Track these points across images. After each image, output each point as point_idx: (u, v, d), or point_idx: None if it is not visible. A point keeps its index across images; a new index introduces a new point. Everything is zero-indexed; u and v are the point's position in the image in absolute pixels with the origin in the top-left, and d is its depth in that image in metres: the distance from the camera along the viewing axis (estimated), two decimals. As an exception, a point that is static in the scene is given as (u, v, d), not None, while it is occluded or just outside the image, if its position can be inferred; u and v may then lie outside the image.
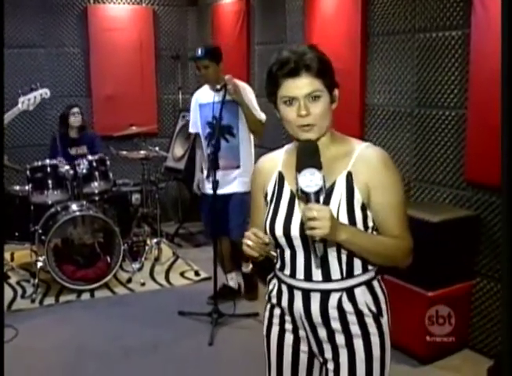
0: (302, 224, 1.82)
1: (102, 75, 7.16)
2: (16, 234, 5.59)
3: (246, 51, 6.46)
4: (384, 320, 1.98)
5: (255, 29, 6.37)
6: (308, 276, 1.95)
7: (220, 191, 4.55)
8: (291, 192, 1.97)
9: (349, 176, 1.90)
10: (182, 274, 5.74)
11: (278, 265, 2.05)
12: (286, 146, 2.11)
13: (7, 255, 6.07)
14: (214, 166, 4.44)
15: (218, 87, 4.58)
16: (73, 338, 4.47)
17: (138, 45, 7.28)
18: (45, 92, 4.72)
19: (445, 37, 4.07)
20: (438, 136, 4.20)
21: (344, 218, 1.87)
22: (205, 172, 4.81)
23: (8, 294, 5.20)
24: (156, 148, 6.22)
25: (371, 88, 4.77)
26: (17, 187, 5.82)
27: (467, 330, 4.04)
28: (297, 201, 1.95)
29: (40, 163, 5.50)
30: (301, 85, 1.85)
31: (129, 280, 5.51)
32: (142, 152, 6.04)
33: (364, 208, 1.91)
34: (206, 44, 5.04)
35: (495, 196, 3.81)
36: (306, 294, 1.96)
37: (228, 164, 4.72)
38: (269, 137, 5.08)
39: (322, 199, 1.80)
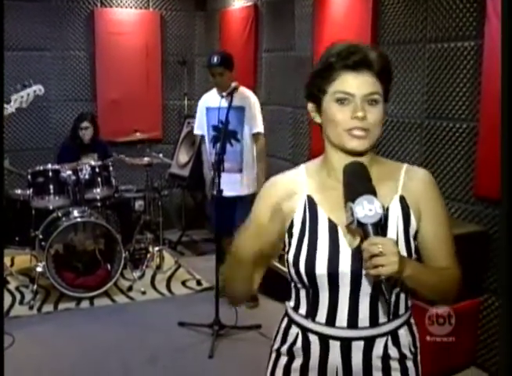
0: (356, 260, 1.59)
1: (107, 79, 7.10)
2: (17, 239, 5.51)
3: (253, 58, 6.39)
4: (418, 359, 1.80)
5: (263, 36, 6.30)
6: (352, 323, 1.67)
7: (226, 193, 4.67)
8: (330, 221, 1.67)
9: (402, 200, 1.68)
10: (183, 283, 5.65)
11: (303, 311, 1.74)
12: (305, 165, 1.81)
13: (7, 260, 6.00)
14: (218, 169, 4.48)
15: (224, 94, 4.71)
16: (70, 347, 4.40)
17: (145, 49, 7.22)
18: (38, 89, 4.64)
19: (457, 48, 3.99)
20: (447, 149, 4.11)
21: (402, 250, 1.63)
22: (210, 174, 4.96)
23: (6, 299, 5.13)
24: (160, 155, 6.15)
25: (380, 98, 4.69)
26: (18, 191, 5.75)
27: (475, 347, 3.95)
28: (340, 232, 1.67)
29: (42, 167, 5.43)
30: (362, 82, 1.60)
31: (130, 289, 5.43)
32: (146, 158, 5.96)
33: (415, 237, 1.70)
34: (220, 51, 5.16)
35: (505, 211, 3.72)
36: (347, 345, 1.68)
37: (232, 168, 4.92)
38: (274, 145, 5.09)
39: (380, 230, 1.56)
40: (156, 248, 5.96)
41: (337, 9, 5.06)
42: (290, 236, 1.73)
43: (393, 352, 1.71)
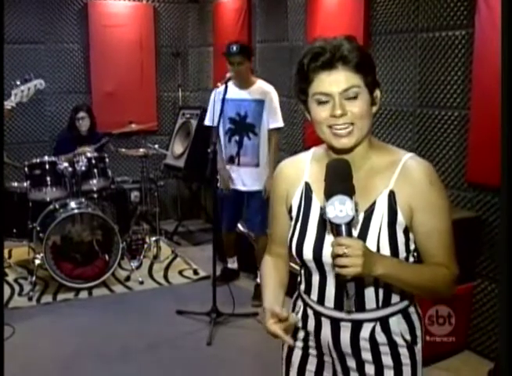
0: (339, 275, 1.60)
1: (101, 72, 7.11)
2: (14, 231, 5.55)
3: (247, 49, 6.39)
4: (418, 348, 1.79)
5: (256, 27, 6.33)
6: (338, 305, 1.74)
7: (242, 188, 4.81)
8: (321, 209, 1.68)
9: (391, 196, 1.67)
10: (180, 273, 5.70)
11: (303, 287, 1.86)
12: (314, 149, 1.85)
13: (5, 252, 6.04)
14: (213, 160, 4.51)
15: (220, 84, 4.71)
16: (70, 337, 4.45)
17: (139, 41, 7.24)
18: (39, 83, 4.62)
19: (448, 37, 4.04)
20: (440, 136, 4.17)
21: (385, 243, 1.65)
22: (228, 167, 4.97)
23: (5, 291, 5.16)
24: (156, 146, 6.20)
25: (373, 87, 4.73)
26: (16, 184, 5.79)
27: (468, 331, 4.02)
28: None
29: (38, 160, 5.47)
30: (336, 80, 1.60)
31: (127, 279, 5.48)
32: (142, 150, 6.00)
33: (407, 231, 1.69)
34: (238, 40, 5.08)
35: (496, 197, 3.79)
36: (335, 323, 1.77)
37: (249, 162, 4.89)
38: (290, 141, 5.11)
39: (354, 230, 1.60)
40: (153, 238, 6.02)
41: (330, 0, 5.09)
42: (290, 218, 1.84)
43: (380, 337, 1.75)
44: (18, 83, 4.53)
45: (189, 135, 6.60)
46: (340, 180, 1.57)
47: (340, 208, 1.52)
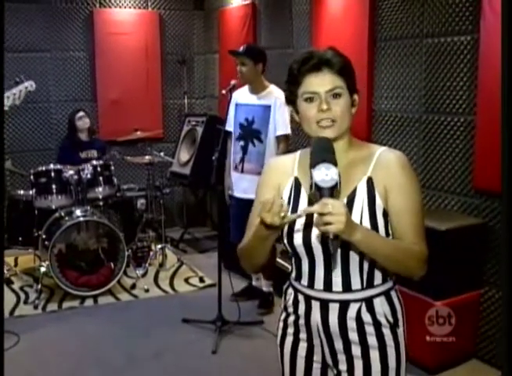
0: (323, 233, 1.72)
1: (107, 79, 7.13)
2: (20, 239, 5.57)
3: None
4: (400, 331, 1.96)
5: (261, 34, 6.33)
6: (327, 287, 1.91)
7: (242, 195, 4.67)
8: (309, 199, 1.88)
9: (370, 182, 1.87)
10: (186, 280, 5.68)
11: (293, 275, 2.01)
12: (300, 151, 2.06)
13: (11, 260, 6.06)
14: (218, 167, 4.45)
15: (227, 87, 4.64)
16: (75, 345, 4.43)
17: (144, 49, 7.25)
18: (30, 85, 4.60)
19: (453, 43, 4.02)
20: (446, 143, 4.14)
21: (366, 225, 1.82)
22: (232, 173, 4.88)
23: (11, 299, 5.17)
24: (161, 153, 6.19)
25: (378, 93, 4.72)
26: (21, 192, 5.80)
27: (475, 340, 3.97)
28: None
29: (44, 167, 5.47)
30: (323, 81, 1.84)
31: (133, 287, 5.46)
32: (147, 157, 6.00)
33: (385, 214, 1.87)
34: (252, 44, 5.03)
35: (504, 204, 3.75)
36: (324, 305, 1.92)
37: (252, 169, 4.71)
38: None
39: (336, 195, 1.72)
40: (159, 246, 5.99)
41: (335, 6, 5.08)
42: None
43: (366, 317, 1.90)
44: (10, 85, 4.51)
45: (195, 143, 6.58)
46: (325, 151, 1.76)
47: (325, 172, 1.69)
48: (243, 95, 4.84)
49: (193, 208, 7.58)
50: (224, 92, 4.72)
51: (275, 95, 4.70)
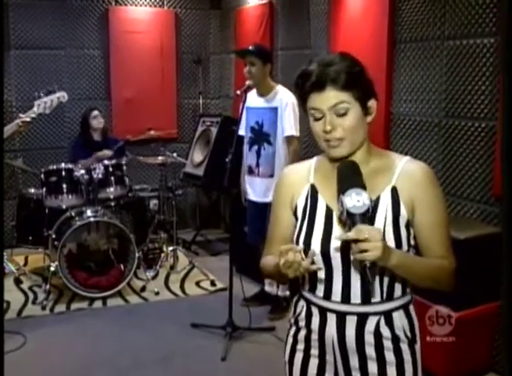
0: (343, 241, 1.72)
1: (122, 78, 7.06)
2: (30, 238, 5.53)
3: (268, 56, 6.31)
4: (418, 347, 1.89)
5: (278, 34, 6.24)
6: (345, 299, 1.83)
7: (257, 199, 4.65)
8: (327, 207, 1.85)
9: (394, 191, 1.81)
10: (197, 284, 5.60)
11: (306, 287, 1.93)
12: (316, 158, 1.99)
13: (21, 259, 6.02)
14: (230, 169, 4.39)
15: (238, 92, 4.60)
16: (82, 347, 4.37)
17: (160, 48, 7.17)
18: (62, 96, 4.58)
19: (476, 45, 3.89)
20: (466, 148, 4.02)
21: (390, 236, 1.77)
22: (247, 177, 4.86)
23: (19, 299, 5.13)
24: (174, 154, 6.11)
25: (397, 96, 4.62)
26: (32, 190, 5.75)
27: (492, 352, 3.85)
28: (335, 218, 1.84)
29: (55, 166, 5.40)
30: (325, 98, 1.75)
31: (143, 289, 5.39)
32: (160, 158, 5.93)
33: (408, 226, 1.82)
34: (259, 43, 4.98)
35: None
36: (341, 318, 1.84)
37: (264, 172, 4.74)
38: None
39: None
40: (171, 248, 5.92)
41: (353, 6, 4.98)
42: (296, 219, 1.93)
43: (385, 331, 1.83)
44: (41, 94, 4.48)
45: (209, 144, 6.49)
46: (352, 176, 1.73)
47: (357, 199, 1.66)
48: (252, 99, 4.79)
49: (207, 210, 7.50)
50: (238, 92, 4.63)
51: (280, 95, 4.68)
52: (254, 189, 4.84)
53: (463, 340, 3.63)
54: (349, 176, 1.73)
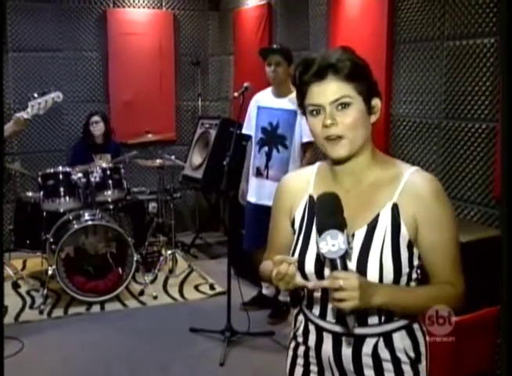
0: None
1: (120, 80, 7.02)
2: (28, 242, 5.50)
3: (267, 57, 6.26)
4: (422, 366, 1.77)
5: (277, 35, 6.20)
6: (340, 319, 1.72)
7: (264, 202, 4.41)
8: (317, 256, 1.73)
9: (395, 209, 1.66)
10: (196, 287, 5.56)
11: (305, 302, 1.83)
12: (318, 164, 1.87)
13: (19, 263, 5.98)
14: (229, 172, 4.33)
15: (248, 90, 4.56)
16: (80, 353, 4.33)
17: (158, 50, 7.13)
18: (57, 96, 4.52)
19: (476, 45, 3.85)
20: (466, 150, 3.97)
21: (388, 257, 1.63)
22: (251, 179, 4.71)
23: (17, 304, 5.09)
24: (173, 157, 6.08)
25: (396, 97, 4.57)
26: (30, 193, 5.72)
27: (494, 357, 3.80)
28: None
29: (52, 170, 5.36)
30: (326, 90, 1.62)
31: (141, 293, 5.35)
32: (158, 160, 5.89)
33: (410, 246, 1.67)
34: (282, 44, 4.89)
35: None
36: (337, 339, 1.73)
37: (274, 176, 4.51)
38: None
39: (349, 261, 1.59)
40: (169, 251, 5.87)
41: (352, 7, 4.94)
42: (293, 231, 1.83)
43: (384, 353, 1.71)
44: (35, 95, 4.42)
45: (208, 146, 6.44)
46: (329, 215, 1.57)
47: (332, 243, 1.52)
48: (265, 98, 4.65)
49: (206, 213, 7.45)
50: (236, 94, 4.59)
51: None
52: (261, 192, 4.63)
53: (463, 345, 3.58)
54: (325, 213, 1.58)
